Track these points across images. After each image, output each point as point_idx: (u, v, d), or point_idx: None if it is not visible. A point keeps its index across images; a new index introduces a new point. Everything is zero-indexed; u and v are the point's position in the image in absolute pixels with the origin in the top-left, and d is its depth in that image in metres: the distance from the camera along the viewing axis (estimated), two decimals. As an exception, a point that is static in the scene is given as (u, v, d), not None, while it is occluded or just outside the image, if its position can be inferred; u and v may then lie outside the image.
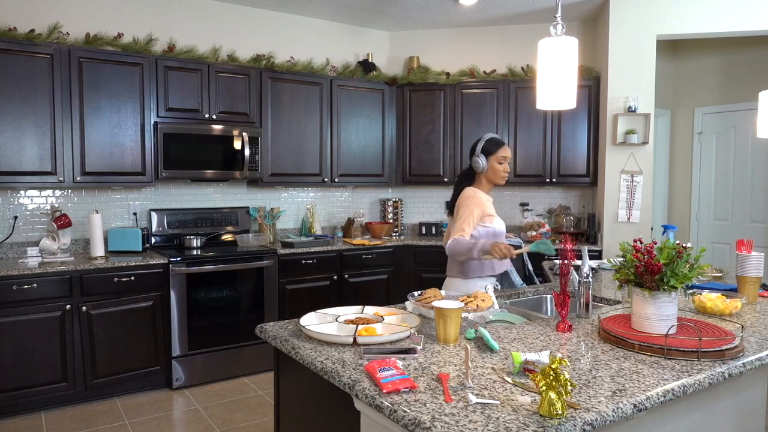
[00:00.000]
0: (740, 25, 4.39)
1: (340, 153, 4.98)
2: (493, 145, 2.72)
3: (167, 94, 4.12)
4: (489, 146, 2.72)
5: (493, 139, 2.74)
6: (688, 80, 5.94)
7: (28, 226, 4.00)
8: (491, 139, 2.74)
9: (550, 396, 1.23)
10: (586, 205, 5.31)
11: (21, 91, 3.62)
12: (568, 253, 2.02)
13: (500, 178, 2.76)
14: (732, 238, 5.55)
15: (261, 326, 2.04)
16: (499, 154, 2.71)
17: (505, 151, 2.73)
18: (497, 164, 2.73)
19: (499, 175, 2.75)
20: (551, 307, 2.71)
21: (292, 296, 4.42)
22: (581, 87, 4.88)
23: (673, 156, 6.08)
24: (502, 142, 2.75)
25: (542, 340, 1.86)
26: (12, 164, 3.63)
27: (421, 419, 1.23)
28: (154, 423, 3.43)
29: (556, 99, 1.92)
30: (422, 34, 5.54)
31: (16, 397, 3.45)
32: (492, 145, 2.72)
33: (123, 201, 4.35)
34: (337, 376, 1.53)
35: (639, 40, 4.55)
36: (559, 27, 1.91)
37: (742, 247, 2.49)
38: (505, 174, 2.76)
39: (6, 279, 3.37)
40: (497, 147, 2.72)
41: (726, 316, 2.17)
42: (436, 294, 2.23)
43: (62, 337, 3.55)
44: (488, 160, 2.72)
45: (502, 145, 2.73)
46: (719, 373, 1.56)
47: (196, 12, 4.58)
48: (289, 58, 4.91)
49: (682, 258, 1.76)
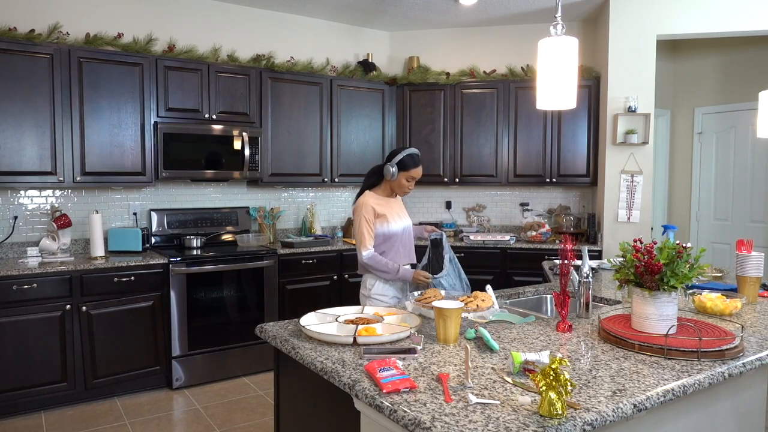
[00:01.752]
0: (740, 25, 4.39)
1: (340, 153, 4.98)
2: (410, 163, 2.78)
3: (167, 94, 4.12)
4: (406, 161, 2.78)
5: (412, 156, 2.79)
6: (688, 80, 5.94)
7: (28, 226, 4.00)
8: (411, 155, 2.79)
9: (550, 396, 1.23)
10: (586, 205, 5.31)
11: (21, 91, 3.62)
12: (568, 253, 2.02)
13: (402, 192, 2.88)
14: (732, 238, 5.55)
15: (261, 326, 2.04)
16: (410, 172, 2.79)
17: (416, 173, 2.81)
18: (404, 180, 2.80)
19: (402, 190, 2.86)
20: (551, 307, 2.71)
21: (292, 296, 4.42)
22: (581, 87, 4.88)
23: (673, 156, 6.08)
24: (418, 162, 2.81)
25: (542, 340, 1.86)
26: (12, 164, 3.63)
27: (421, 419, 1.23)
28: (154, 423, 3.43)
29: (556, 99, 1.92)
30: (422, 34, 5.54)
31: (16, 397, 3.45)
32: (409, 161, 2.78)
33: (123, 201, 4.35)
34: (337, 376, 1.53)
35: (639, 40, 4.55)
36: (559, 27, 1.91)
37: (742, 247, 2.49)
38: (408, 191, 2.88)
39: (6, 279, 3.37)
40: (412, 166, 2.79)
41: (726, 316, 2.17)
42: (436, 294, 2.23)
43: (62, 337, 3.55)
44: (399, 173, 2.78)
45: (416, 166, 2.80)
46: (719, 373, 1.56)
47: (196, 12, 4.58)
48: (289, 58, 4.91)
49: (682, 258, 1.76)
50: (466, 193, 5.53)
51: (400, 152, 2.79)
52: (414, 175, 2.80)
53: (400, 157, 2.77)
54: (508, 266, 4.84)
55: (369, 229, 2.76)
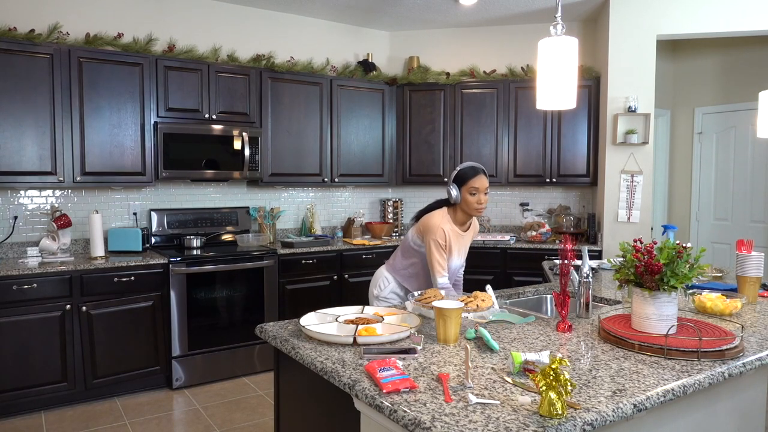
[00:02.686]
0: (740, 25, 4.39)
1: (340, 153, 4.98)
2: (465, 175, 2.56)
3: (167, 94, 4.12)
4: (462, 174, 2.57)
5: (465, 168, 2.58)
6: (688, 80, 5.94)
7: (28, 226, 4.00)
8: (464, 168, 2.59)
9: (550, 396, 1.23)
10: (586, 205, 5.31)
11: (21, 91, 3.62)
12: (568, 253, 2.02)
13: (473, 210, 2.56)
14: (732, 238, 5.55)
15: (261, 326, 2.04)
16: (470, 184, 2.53)
17: (477, 182, 2.53)
18: (469, 195, 2.54)
19: (472, 207, 2.56)
20: (551, 307, 2.71)
21: (292, 296, 4.42)
22: (581, 87, 4.88)
23: (673, 156, 6.08)
24: (475, 171, 2.56)
25: (542, 340, 1.86)
26: (12, 164, 3.63)
27: (421, 419, 1.23)
28: (154, 423, 3.43)
29: (556, 99, 1.92)
30: (422, 34, 5.54)
31: (16, 397, 3.45)
32: (466, 172, 2.56)
33: (123, 201, 4.35)
34: (337, 376, 1.53)
35: (639, 40, 4.55)
36: (559, 27, 1.91)
37: (742, 247, 2.49)
38: (479, 206, 2.55)
39: (6, 279, 3.37)
40: (468, 177, 2.54)
41: (726, 316, 2.17)
42: (436, 294, 2.23)
43: (62, 337, 3.55)
44: (460, 190, 2.56)
45: (474, 176, 2.54)
46: (719, 373, 1.56)
47: (196, 12, 4.58)
48: (289, 58, 4.91)
49: (682, 258, 1.76)
50: (466, 193, 5.53)
51: (454, 171, 2.62)
52: (476, 185, 2.52)
53: (454, 173, 2.59)
54: (508, 266, 4.84)
55: (441, 256, 2.54)
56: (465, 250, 2.71)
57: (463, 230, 2.66)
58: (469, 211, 2.57)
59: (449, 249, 2.57)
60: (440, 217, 2.56)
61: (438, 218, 2.56)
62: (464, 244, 2.67)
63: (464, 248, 2.69)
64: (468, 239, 2.70)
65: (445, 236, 2.54)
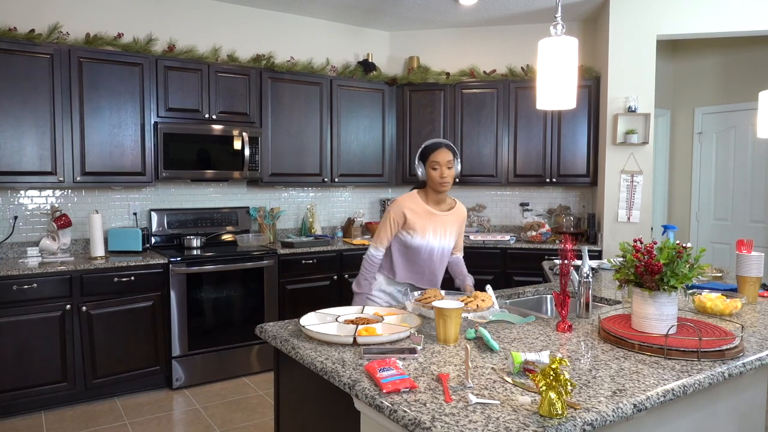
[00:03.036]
0: (740, 25, 4.39)
1: (340, 153, 4.98)
2: (427, 150, 2.54)
3: (167, 94, 4.12)
4: (423, 151, 2.55)
5: (428, 143, 2.57)
6: (688, 80, 5.94)
7: (28, 226, 4.00)
8: (427, 143, 2.57)
9: (550, 396, 1.23)
10: (586, 205, 5.31)
11: (21, 91, 3.62)
12: (568, 253, 2.02)
13: (437, 185, 2.51)
14: (732, 238, 5.55)
15: (261, 326, 2.04)
16: (431, 159, 2.50)
17: (437, 155, 2.49)
18: (431, 170, 2.50)
19: (435, 182, 2.51)
20: (551, 307, 2.71)
21: (292, 296, 4.42)
22: (581, 87, 4.88)
23: (673, 156, 6.08)
24: (436, 145, 2.53)
25: (542, 340, 1.86)
26: (12, 164, 3.63)
27: (421, 419, 1.23)
28: (154, 423, 3.43)
29: (556, 99, 1.92)
30: (422, 34, 5.54)
31: (16, 397, 3.45)
32: (426, 149, 2.55)
33: (123, 201, 4.35)
34: (337, 376, 1.53)
35: (639, 40, 4.55)
36: (559, 27, 1.91)
37: (742, 247, 2.49)
38: (443, 180, 2.49)
39: (6, 279, 3.37)
40: (430, 151, 2.52)
41: (726, 316, 2.17)
42: (436, 294, 2.23)
43: (62, 337, 3.55)
44: (425, 167, 2.53)
45: (435, 149, 2.51)
46: (719, 373, 1.56)
47: (196, 12, 4.58)
48: (289, 58, 4.91)
49: (682, 258, 1.76)
50: (466, 193, 5.53)
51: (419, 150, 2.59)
52: (437, 159, 2.48)
53: (419, 151, 2.58)
54: (508, 266, 4.84)
55: (389, 230, 2.55)
56: (446, 231, 2.59)
57: (439, 209, 2.58)
58: (434, 187, 2.52)
59: (411, 226, 2.51)
60: (406, 196, 2.56)
61: (403, 197, 2.57)
62: (441, 224, 2.57)
63: (443, 229, 2.58)
64: (448, 221, 2.60)
65: (403, 214, 2.51)
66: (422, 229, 2.52)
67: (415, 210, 2.53)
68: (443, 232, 2.59)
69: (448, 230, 2.60)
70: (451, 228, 2.62)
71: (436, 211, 2.57)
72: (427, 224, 2.53)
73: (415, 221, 2.51)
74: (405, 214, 2.51)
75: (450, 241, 2.63)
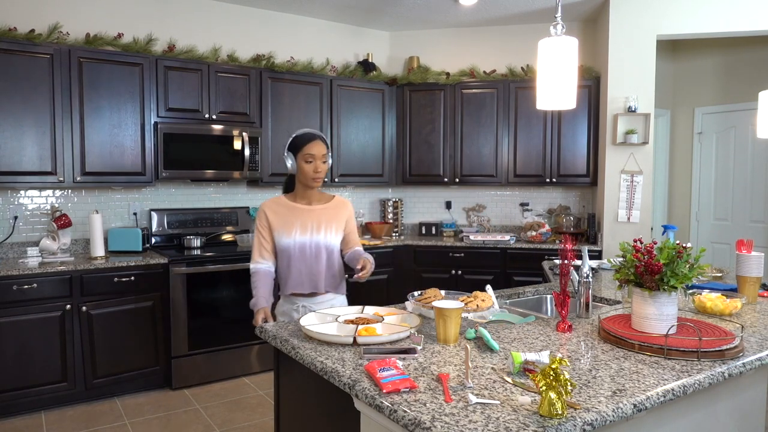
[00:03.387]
0: (740, 25, 4.39)
1: (340, 153, 4.98)
2: (300, 141, 2.35)
3: (167, 94, 4.12)
4: (295, 142, 2.36)
5: (301, 134, 2.38)
6: (688, 80, 5.94)
7: (28, 226, 4.00)
8: (300, 134, 2.38)
9: (550, 396, 1.23)
10: (586, 205, 5.31)
11: (21, 91, 3.62)
12: (568, 253, 2.02)
13: (310, 180, 2.35)
14: (732, 238, 5.55)
15: (261, 326, 2.04)
16: (305, 151, 2.32)
17: (312, 148, 2.32)
18: (304, 163, 2.33)
19: (308, 176, 2.34)
20: (551, 307, 2.71)
21: (292, 296, 4.41)
22: (581, 87, 4.88)
23: (673, 156, 6.08)
24: (310, 136, 2.35)
25: (542, 340, 1.86)
26: (12, 164, 3.63)
27: (421, 419, 1.23)
28: (154, 423, 3.43)
29: (556, 99, 1.92)
30: (422, 34, 5.54)
31: (16, 397, 3.45)
32: (298, 140, 2.35)
33: (123, 201, 4.35)
34: (337, 376, 1.53)
35: (639, 40, 4.55)
36: (559, 27, 1.91)
37: (742, 247, 2.49)
38: (317, 175, 2.34)
39: (6, 279, 3.37)
40: (303, 143, 2.33)
41: (726, 316, 2.17)
42: (436, 294, 2.23)
43: (62, 337, 3.55)
44: (296, 160, 2.35)
45: (309, 141, 2.33)
46: (719, 373, 1.56)
47: (196, 12, 4.58)
48: (289, 58, 4.91)
49: (682, 258, 1.76)
50: (466, 193, 5.53)
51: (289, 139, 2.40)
52: (312, 152, 2.31)
53: (288, 141, 2.39)
54: (508, 266, 4.84)
55: (259, 239, 2.39)
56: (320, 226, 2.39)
57: (306, 204, 2.42)
58: (306, 181, 2.35)
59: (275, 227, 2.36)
60: (269, 200, 2.42)
61: (265, 201, 2.42)
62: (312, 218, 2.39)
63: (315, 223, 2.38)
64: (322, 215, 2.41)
65: (265, 216, 2.37)
66: (287, 227, 2.36)
67: (277, 209, 2.39)
68: (315, 227, 2.38)
69: (323, 225, 2.39)
70: (327, 222, 2.41)
71: (302, 206, 2.41)
72: (293, 220, 2.37)
73: (277, 220, 2.36)
74: (266, 216, 2.37)
75: (329, 236, 2.41)
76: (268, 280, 2.41)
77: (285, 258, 2.37)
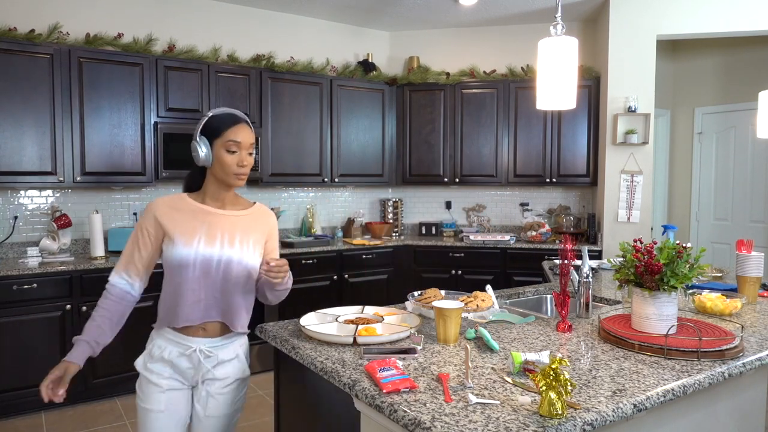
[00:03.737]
0: (740, 25, 4.39)
1: (340, 153, 4.98)
2: (220, 123, 1.69)
3: (167, 94, 4.12)
4: (212, 125, 1.70)
5: (220, 114, 1.72)
6: (688, 80, 5.94)
7: (28, 226, 4.00)
8: (218, 114, 1.72)
9: (550, 396, 1.23)
10: (586, 205, 5.31)
11: (21, 91, 3.62)
12: (568, 253, 2.02)
13: (231, 176, 1.70)
14: (732, 238, 5.55)
15: (261, 326, 2.04)
16: (227, 137, 1.68)
17: (238, 133, 1.69)
18: (225, 153, 1.68)
19: (229, 170, 1.69)
20: (551, 307, 2.71)
21: (292, 296, 4.41)
22: (581, 87, 4.88)
23: (673, 156, 6.08)
24: (234, 118, 1.71)
25: (542, 340, 1.86)
26: (12, 164, 3.63)
27: (421, 419, 1.23)
28: (154, 423, 3.42)
29: (556, 99, 1.92)
30: (422, 34, 5.54)
31: (16, 397, 3.44)
32: (217, 122, 1.69)
33: (123, 201, 4.35)
34: (337, 376, 1.53)
35: (639, 40, 4.55)
36: (559, 27, 1.91)
37: (742, 247, 2.49)
38: (241, 170, 1.70)
39: (6, 279, 3.37)
40: (225, 127, 1.68)
41: (726, 316, 2.17)
42: (436, 294, 2.23)
43: (62, 338, 3.55)
44: (212, 147, 1.69)
45: (233, 125, 1.69)
46: (719, 373, 1.56)
47: (196, 12, 4.58)
48: (289, 58, 4.91)
49: (682, 258, 1.76)
50: (466, 193, 5.53)
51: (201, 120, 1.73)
52: (237, 138, 1.68)
53: (202, 123, 1.71)
54: (508, 266, 4.84)
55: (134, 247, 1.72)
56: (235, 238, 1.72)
57: (218, 206, 1.76)
58: (226, 178, 1.71)
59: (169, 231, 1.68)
60: (165, 197, 1.76)
61: (160, 198, 1.75)
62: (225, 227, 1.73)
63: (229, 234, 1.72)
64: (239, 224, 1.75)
65: (154, 218, 1.70)
66: (187, 233, 1.69)
67: (174, 210, 1.72)
68: (228, 238, 1.72)
69: (238, 236, 1.73)
70: (244, 234, 1.75)
71: (215, 210, 1.75)
72: (197, 226, 1.70)
73: (172, 224, 1.69)
74: (156, 217, 1.70)
75: (246, 252, 1.73)
76: (120, 308, 1.75)
77: (176, 277, 1.69)
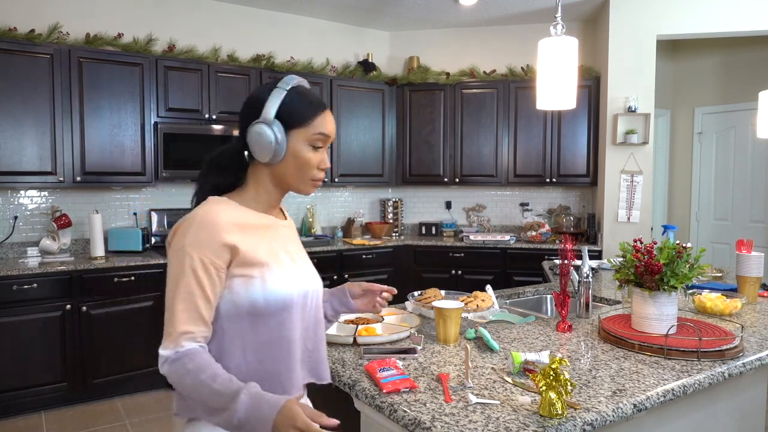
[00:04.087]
0: (740, 25, 4.39)
1: (340, 153, 4.98)
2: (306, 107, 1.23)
3: (167, 94, 4.12)
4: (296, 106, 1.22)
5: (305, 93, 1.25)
6: (688, 80, 5.94)
7: (28, 226, 4.00)
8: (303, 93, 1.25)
9: (550, 396, 1.23)
10: (586, 205, 5.31)
11: (21, 91, 3.62)
12: (568, 253, 2.02)
13: (308, 182, 1.26)
14: (732, 238, 5.55)
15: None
16: (316, 127, 1.23)
17: (326, 123, 1.24)
18: (307, 149, 1.23)
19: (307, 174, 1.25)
20: (551, 307, 2.71)
21: (292, 296, 4.42)
22: (581, 87, 4.88)
23: (673, 156, 6.08)
24: (319, 105, 1.25)
25: (542, 340, 1.86)
26: (12, 164, 3.63)
27: (421, 419, 1.23)
28: (154, 423, 3.42)
29: (556, 99, 1.92)
30: (422, 34, 5.54)
31: (16, 397, 3.44)
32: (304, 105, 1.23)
33: (123, 201, 4.35)
34: (337, 376, 1.53)
35: (639, 40, 4.55)
36: (559, 27, 1.91)
37: (742, 247, 2.49)
38: (320, 174, 1.26)
39: (6, 279, 3.37)
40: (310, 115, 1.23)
41: (726, 316, 2.17)
42: (436, 294, 2.23)
43: (62, 337, 3.55)
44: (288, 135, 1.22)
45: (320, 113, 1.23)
46: (719, 373, 1.56)
47: (196, 12, 4.58)
48: (289, 58, 4.91)
49: (682, 258, 1.76)
50: (466, 193, 5.53)
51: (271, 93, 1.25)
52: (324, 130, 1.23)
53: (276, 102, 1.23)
54: (508, 266, 4.84)
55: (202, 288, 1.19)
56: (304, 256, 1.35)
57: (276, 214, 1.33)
58: (298, 182, 1.25)
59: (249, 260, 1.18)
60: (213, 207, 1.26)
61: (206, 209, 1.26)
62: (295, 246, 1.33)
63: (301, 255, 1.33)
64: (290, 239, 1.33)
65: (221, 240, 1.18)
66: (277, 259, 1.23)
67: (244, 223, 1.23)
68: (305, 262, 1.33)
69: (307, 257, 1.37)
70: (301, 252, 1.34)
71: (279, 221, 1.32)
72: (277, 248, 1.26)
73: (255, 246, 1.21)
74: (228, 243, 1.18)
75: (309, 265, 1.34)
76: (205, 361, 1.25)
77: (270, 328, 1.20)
